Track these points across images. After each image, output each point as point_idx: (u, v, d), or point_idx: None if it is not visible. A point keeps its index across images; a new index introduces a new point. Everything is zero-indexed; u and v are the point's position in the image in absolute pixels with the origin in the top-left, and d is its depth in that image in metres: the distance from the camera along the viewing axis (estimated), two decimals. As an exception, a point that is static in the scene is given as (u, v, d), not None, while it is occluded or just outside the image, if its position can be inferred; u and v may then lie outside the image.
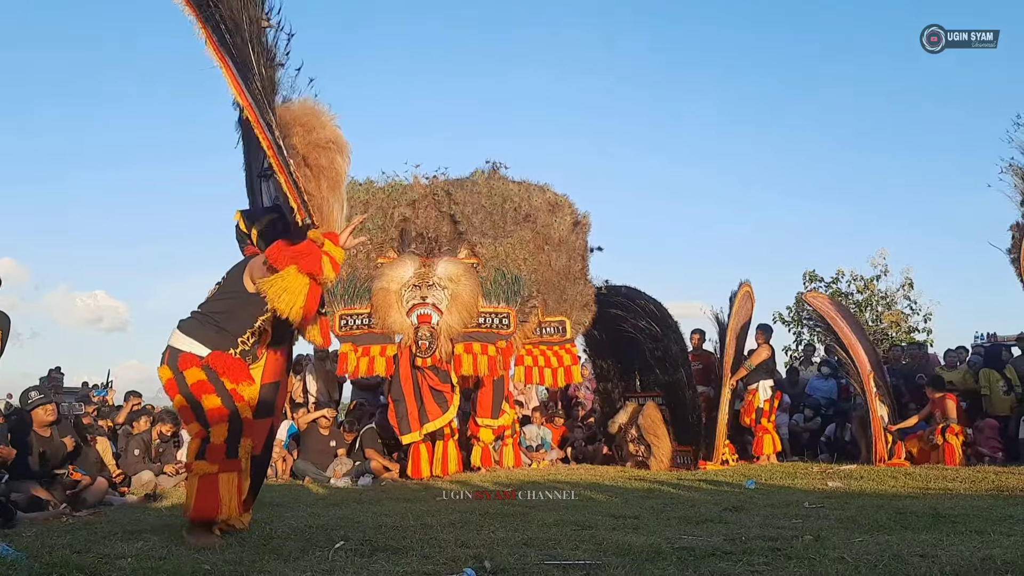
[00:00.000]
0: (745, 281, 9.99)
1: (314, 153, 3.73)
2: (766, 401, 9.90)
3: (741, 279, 10.02)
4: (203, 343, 3.94)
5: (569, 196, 9.41)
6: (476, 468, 8.75)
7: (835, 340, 10.09)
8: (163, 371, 3.96)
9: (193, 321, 4.03)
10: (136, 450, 8.15)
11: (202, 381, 3.88)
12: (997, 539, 3.81)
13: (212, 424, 3.86)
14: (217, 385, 3.88)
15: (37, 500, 5.75)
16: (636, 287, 10.08)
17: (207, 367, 3.88)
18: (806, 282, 18.43)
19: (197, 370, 3.89)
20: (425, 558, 3.44)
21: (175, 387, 3.92)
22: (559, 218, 9.23)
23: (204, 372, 3.88)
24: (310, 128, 3.71)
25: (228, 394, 3.89)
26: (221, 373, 3.89)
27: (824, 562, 3.25)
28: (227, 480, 3.87)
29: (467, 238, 8.63)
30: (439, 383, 8.27)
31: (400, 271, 8.35)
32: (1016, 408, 9.81)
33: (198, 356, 3.91)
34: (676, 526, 4.49)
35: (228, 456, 3.88)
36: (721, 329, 9.88)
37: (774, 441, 9.89)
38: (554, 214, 9.23)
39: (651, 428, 9.34)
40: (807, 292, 13.92)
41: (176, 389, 3.91)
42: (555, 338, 9.39)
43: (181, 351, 3.93)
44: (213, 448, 3.85)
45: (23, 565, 3.24)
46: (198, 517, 3.85)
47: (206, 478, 3.84)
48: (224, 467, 3.87)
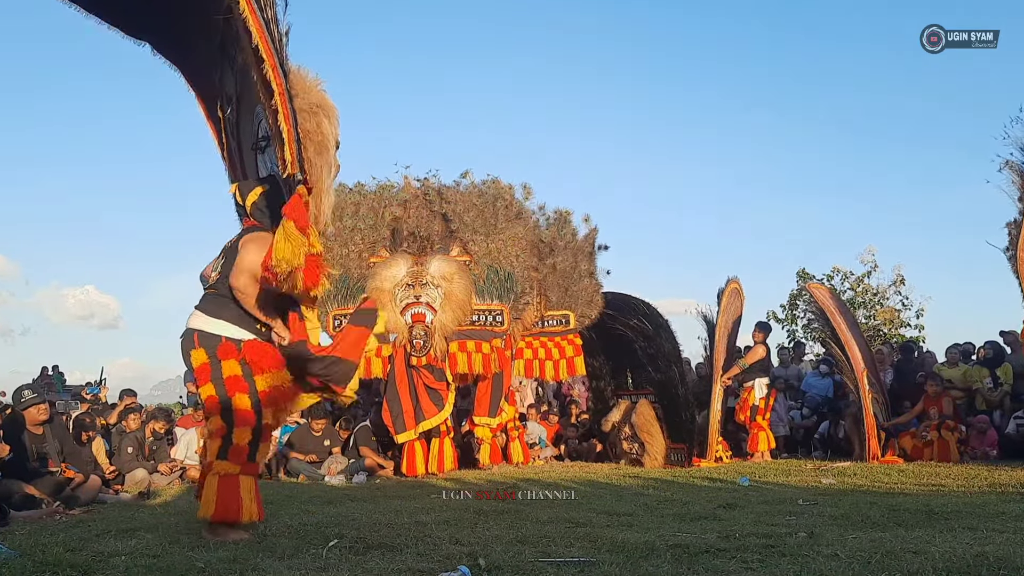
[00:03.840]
0: (733, 278, 9.98)
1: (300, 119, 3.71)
2: (761, 399, 9.92)
3: (729, 276, 10.01)
4: (234, 323, 3.93)
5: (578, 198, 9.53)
6: (486, 466, 8.75)
7: (831, 335, 10.11)
8: (198, 354, 3.91)
9: (216, 301, 4.00)
10: (129, 448, 8.13)
11: (237, 377, 3.86)
12: (990, 535, 3.83)
13: (237, 425, 3.84)
14: (250, 384, 3.87)
15: (30, 498, 5.73)
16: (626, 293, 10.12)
17: (244, 361, 3.87)
18: (799, 280, 18.50)
19: (235, 363, 3.87)
20: (419, 556, 3.44)
21: (209, 374, 3.88)
22: (566, 227, 9.33)
23: (240, 367, 3.87)
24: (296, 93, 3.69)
25: (258, 397, 3.88)
26: (256, 368, 3.88)
27: (817, 559, 3.26)
28: (247, 483, 3.87)
29: (459, 236, 8.62)
30: (434, 381, 8.28)
31: (393, 270, 8.35)
32: (1008, 405, 9.87)
33: (235, 345, 3.89)
34: (670, 523, 4.50)
35: (249, 459, 3.88)
36: (710, 327, 9.90)
37: (768, 439, 9.90)
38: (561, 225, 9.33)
39: (645, 426, 9.37)
40: (810, 282, 13.87)
41: (209, 377, 3.88)
42: (557, 328, 9.42)
43: (220, 336, 3.90)
44: (236, 450, 3.83)
45: (16, 563, 3.23)
46: (220, 519, 3.82)
47: (228, 479, 3.82)
48: (245, 469, 3.86)
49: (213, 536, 3.83)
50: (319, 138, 3.77)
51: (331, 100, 3.94)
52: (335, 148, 4.02)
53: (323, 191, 3.83)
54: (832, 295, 11.03)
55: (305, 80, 3.80)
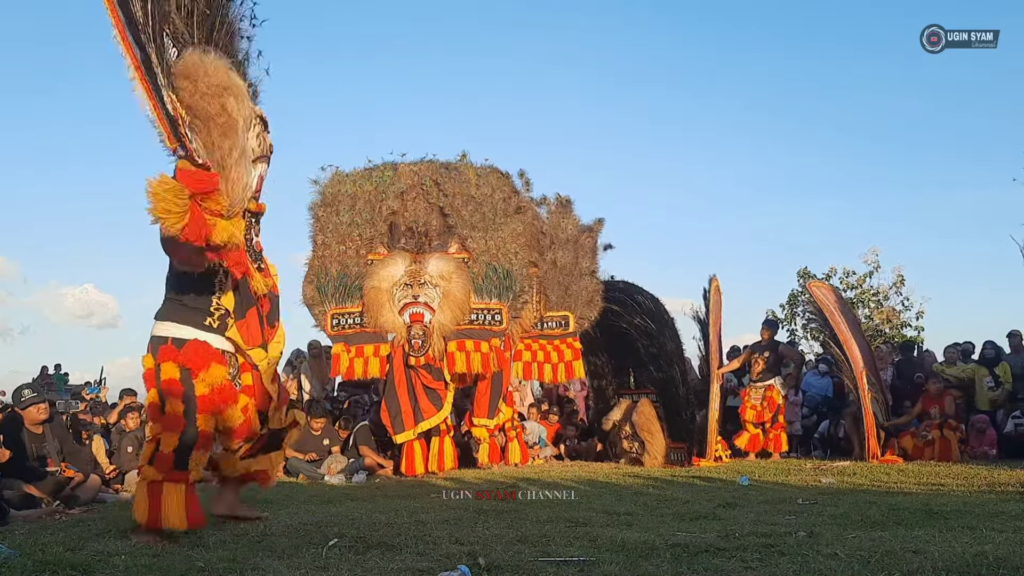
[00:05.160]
0: (713, 276, 9.90)
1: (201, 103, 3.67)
2: (784, 397, 10.00)
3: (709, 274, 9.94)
4: (180, 323, 3.92)
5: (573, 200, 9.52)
6: (485, 465, 8.75)
7: (830, 335, 10.11)
8: (147, 359, 3.93)
9: (164, 305, 4.01)
10: (129, 447, 8.13)
11: (174, 381, 3.84)
12: (989, 535, 3.83)
13: (164, 430, 3.82)
14: (186, 388, 3.83)
15: (30, 498, 5.73)
16: (634, 282, 10.12)
17: (183, 366, 3.85)
18: (800, 279, 18.49)
19: (173, 366, 3.85)
20: (419, 555, 3.44)
21: (153, 379, 3.89)
22: (567, 219, 9.29)
23: (179, 371, 3.85)
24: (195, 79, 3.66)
25: (194, 403, 3.84)
26: (194, 371, 3.85)
27: (817, 558, 3.26)
28: (172, 491, 3.80)
29: (457, 231, 8.58)
30: (432, 381, 8.28)
31: (391, 269, 8.34)
32: (1004, 404, 9.88)
33: (176, 347, 3.87)
34: (670, 522, 4.50)
35: (176, 467, 3.82)
36: (703, 327, 9.91)
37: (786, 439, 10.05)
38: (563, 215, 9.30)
39: (645, 425, 9.37)
40: (811, 281, 13.75)
41: (152, 382, 3.88)
42: (556, 332, 9.41)
43: (163, 338, 3.90)
44: (161, 457, 3.81)
45: (16, 563, 3.22)
46: (145, 524, 3.81)
47: (152, 485, 3.81)
48: (169, 477, 3.81)
49: (136, 537, 3.83)
50: (223, 119, 3.71)
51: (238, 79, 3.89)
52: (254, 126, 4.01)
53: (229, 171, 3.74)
54: (834, 294, 10.99)
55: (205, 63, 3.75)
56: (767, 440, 10.01)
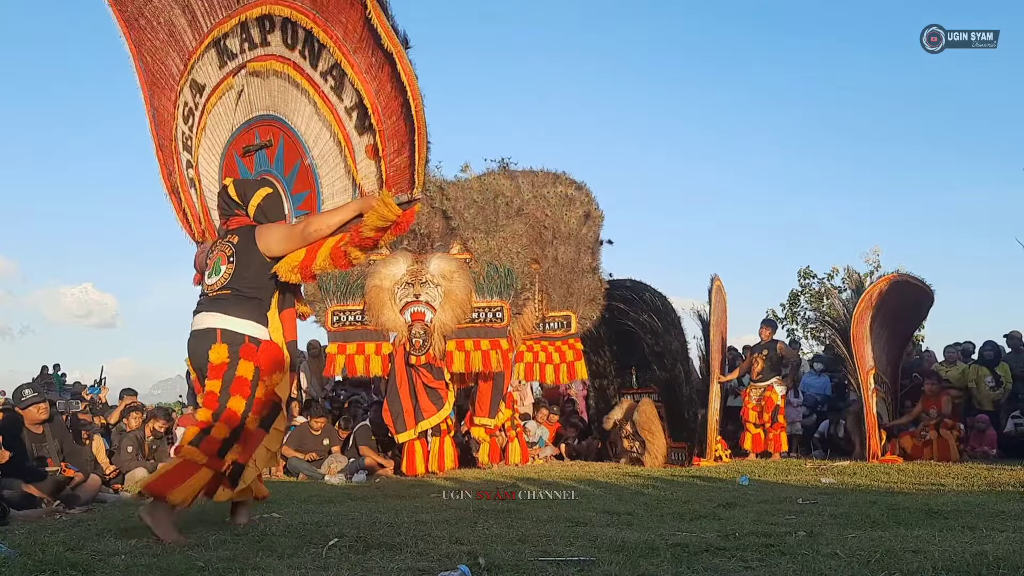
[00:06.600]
0: (715, 276, 9.92)
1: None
2: (782, 397, 9.99)
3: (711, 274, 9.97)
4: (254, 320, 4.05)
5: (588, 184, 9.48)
6: (485, 465, 8.75)
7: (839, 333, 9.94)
8: (219, 351, 3.96)
9: (235, 301, 4.06)
10: (129, 447, 8.14)
11: (245, 380, 3.92)
12: (989, 535, 3.83)
13: (221, 421, 3.88)
14: (253, 389, 3.93)
15: (30, 497, 5.73)
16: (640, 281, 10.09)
17: (257, 368, 3.95)
18: (801, 279, 18.51)
19: (250, 365, 3.94)
20: (419, 555, 3.43)
21: (223, 372, 3.93)
22: (570, 210, 9.24)
23: (253, 370, 3.94)
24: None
25: (252, 404, 3.94)
26: (264, 373, 3.96)
27: (817, 558, 3.26)
28: (203, 475, 3.86)
29: (459, 233, 8.59)
30: (433, 380, 8.28)
31: (393, 268, 8.34)
32: (1004, 404, 9.88)
33: (255, 346, 3.98)
34: (670, 522, 4.50)
35: (218, 455, 3.89)
36: (704, 327, 9.89)
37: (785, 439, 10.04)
38: (566, 206, 9.24)
39: (646, 424, 9.36)
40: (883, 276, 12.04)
41: (221, 374, 3.93)
42: (558, 333, 9.40)
43: (243, 335, 3.99)
44: (210, 440, 3.86)
45: (16, 562, 3.22)
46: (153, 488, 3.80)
47: (188, 464, 3.84)
48: (210, 463, 3.87)
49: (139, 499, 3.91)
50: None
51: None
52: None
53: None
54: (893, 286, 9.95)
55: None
56: (767, 440, 10.02)
